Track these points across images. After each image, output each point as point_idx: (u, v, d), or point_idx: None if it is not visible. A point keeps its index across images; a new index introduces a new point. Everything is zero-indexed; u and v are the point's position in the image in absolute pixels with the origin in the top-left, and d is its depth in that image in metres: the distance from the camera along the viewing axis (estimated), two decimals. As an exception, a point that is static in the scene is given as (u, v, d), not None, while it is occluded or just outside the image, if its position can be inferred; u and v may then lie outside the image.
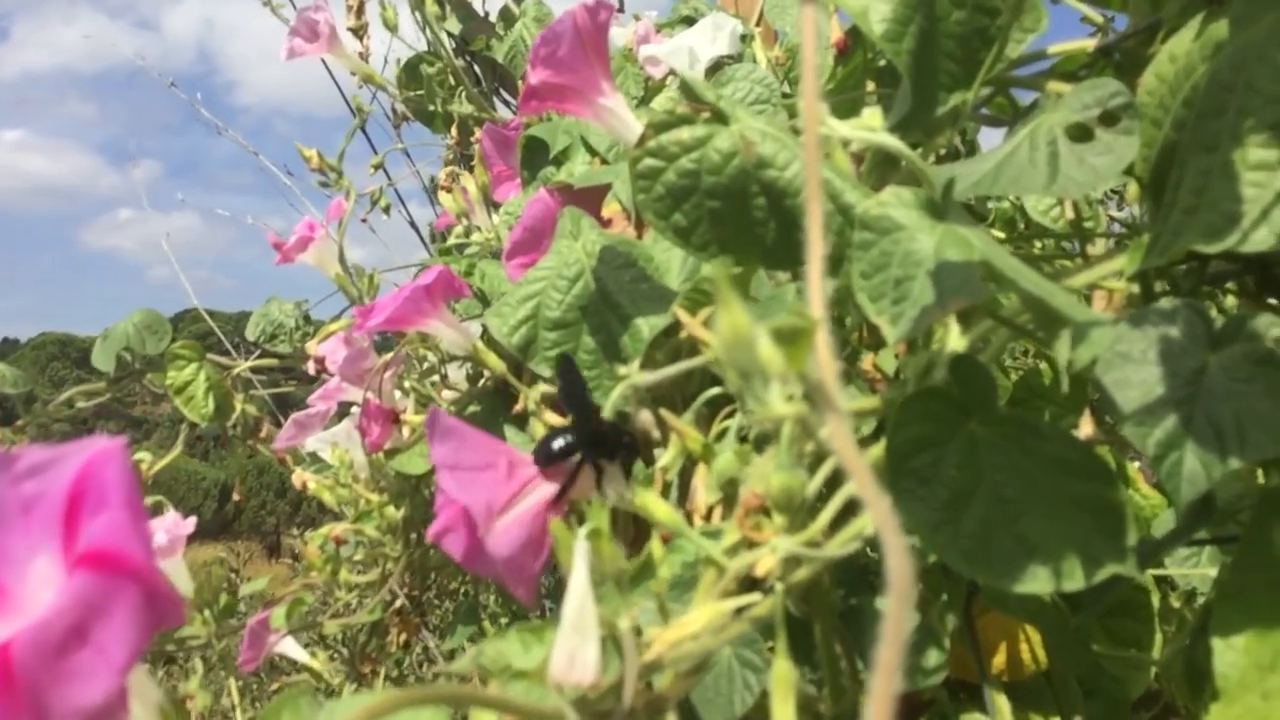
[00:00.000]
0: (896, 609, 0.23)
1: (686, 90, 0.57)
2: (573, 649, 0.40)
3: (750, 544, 0.52)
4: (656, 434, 0.57)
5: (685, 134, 0.56)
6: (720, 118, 0.56)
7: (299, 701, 0.39)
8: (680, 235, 0.57)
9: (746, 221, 0.56)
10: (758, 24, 1.34)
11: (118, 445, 0.37)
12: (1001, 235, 1.15)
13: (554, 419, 0.78)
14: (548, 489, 0.50)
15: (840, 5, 0.59)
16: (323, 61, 1.57)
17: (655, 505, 0.51)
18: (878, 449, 0.49)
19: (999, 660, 0.94)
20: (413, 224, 2.04)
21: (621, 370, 0.55)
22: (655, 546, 0.50)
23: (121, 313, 1.57)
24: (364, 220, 1.95)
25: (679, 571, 0.61)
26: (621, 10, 1.90)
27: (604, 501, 0.49)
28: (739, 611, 0.50)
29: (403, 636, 1.26)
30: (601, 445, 0.52)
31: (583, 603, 0.41)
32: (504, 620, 1.53)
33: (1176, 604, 1.17)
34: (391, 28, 1.38)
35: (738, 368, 0.29)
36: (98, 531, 0.34)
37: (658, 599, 0.49)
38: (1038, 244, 1.16)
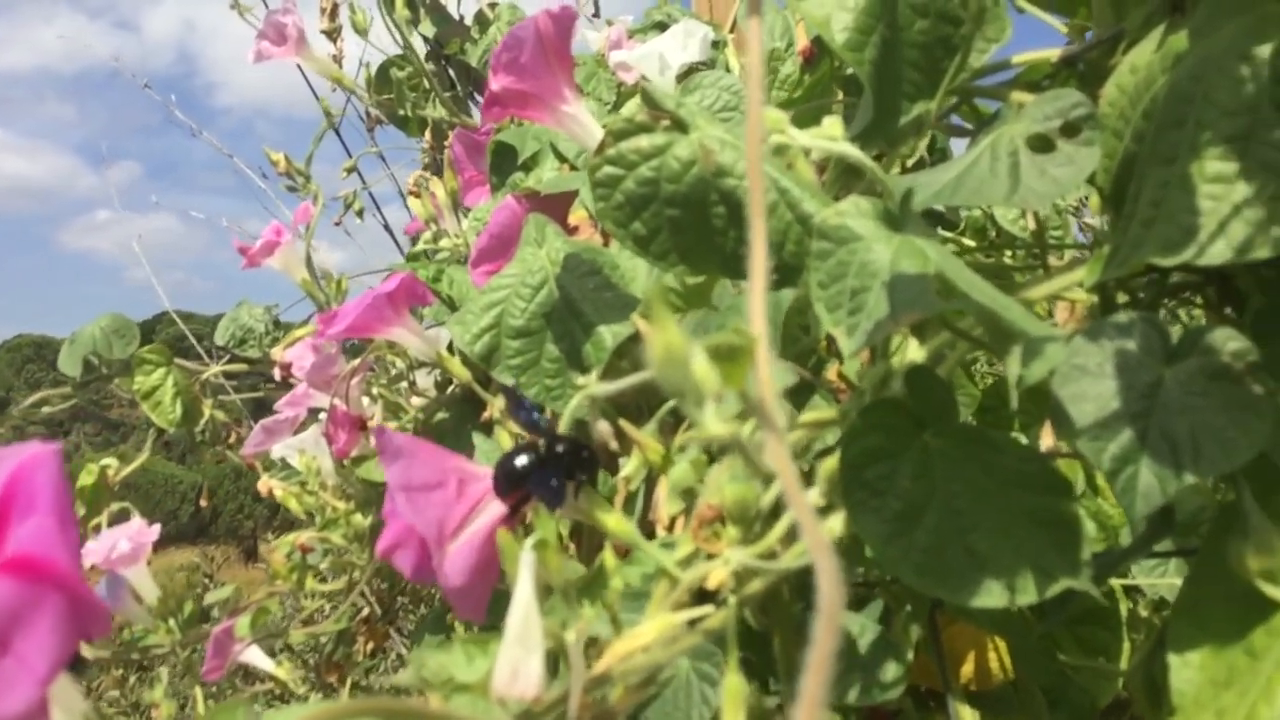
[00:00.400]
0: (824, 637, 0.22)
1: (646, 98, 0.56)
2: (516, 662, 0.40)
3: (709, 555, 0.51)
4: (615, 445, 0.56)
5: (644, 142, 0.55)
6: (680, 126, 0.56)
7: (235, 713, 0.38)
8: (639, 244, 0.57)
9: (706, 230, 0.56)
10: (731, 31, 1.34)
11: (50, 451, 0.36)
12: (972, 243, 1.15)
13: (519, 428, 0.77)
14: (499, 507, 0.49)
15: (803, 15, 0.59)
16: (298, 65, 1.56)
17: (608, 517, 0.50)
18: (832, 460, 0.49)
19: (967, 669, 0.93)
20: (387, 228, 2.02)
21: (579, 380, 0.54)
22: (608, 557, 0.50)
23: (96, 315, 1.55)
24: (337, 223, 1.94)
25: (638, 583, 0.61)
26: (598, 15, 1.90)
27: (553, 513, 0.48)
28: (693, 624, 0.50)
29: (370, 645, 1.25)
30: (560, 463, 0.51)
31: (527, 614, 0.41)
32: (477, 629, 1.52)
33: (1145, 613, 1.17)
34: (361, 31, 1.37)
35: (672, 387, 0.28)
36: (23, 537, 0.33)
37: (609, 610, 0.49)
38: (1008, 253, 1.16)
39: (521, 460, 0.52)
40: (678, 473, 0.52)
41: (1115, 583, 1.03)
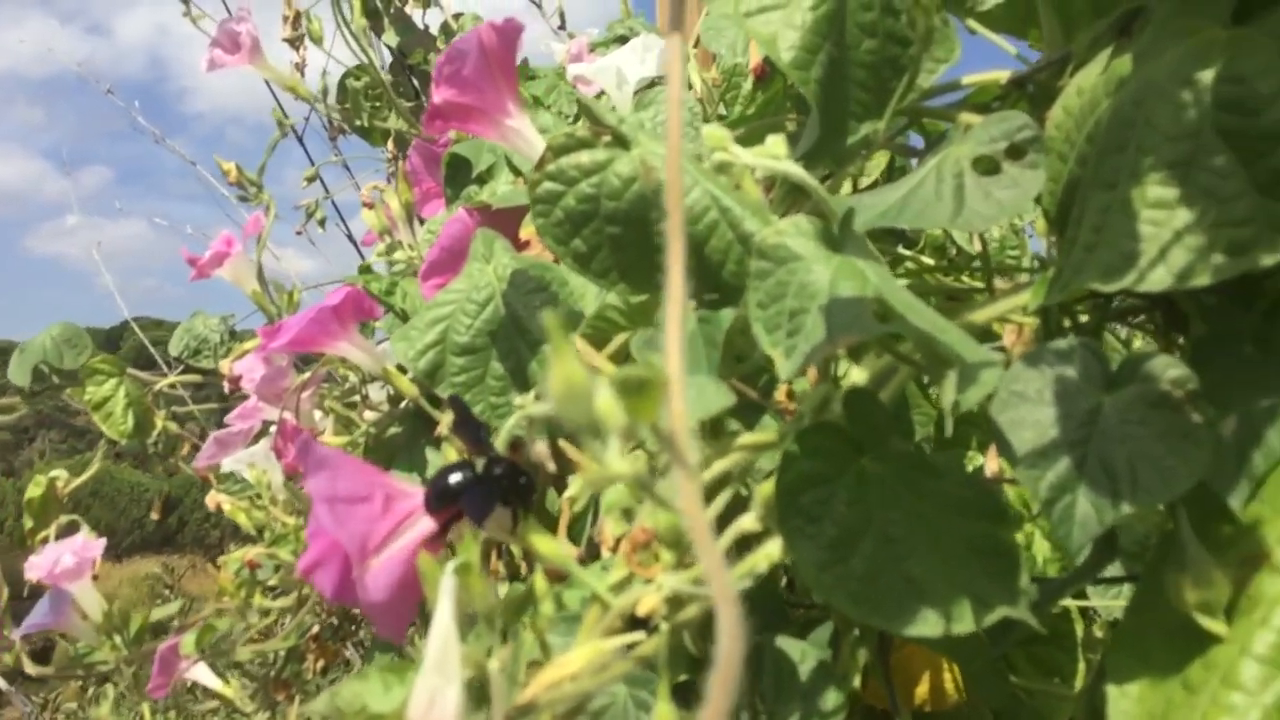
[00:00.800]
0: (718, 696, 0.21)
1: (588, 113, 0.55)
2: (433, 690, 0.39)
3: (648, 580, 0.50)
4: (552, 467, 0.55)
5: (585, 158, 0.54)
6: (621, 142, 0.55)
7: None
8: (580, 261, 0.56)
9: (647, 248, 0.55)
10: (695, 46, 1.34)
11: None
12: (931, 261, 1.15)
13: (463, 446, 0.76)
14: (426, 524, 0.48)
15: (749, 33, 0.58)
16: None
17: (540, 541, 0.49)
18: (769, 485, 0.48)
19: (922, 689, 0.93)
20: (350, 238, 2.01)
21: (518, 400, 0.53)
22: (538, 581, 0.49)
23: (67, 319, 1.53)
24: (299, 233, 1.93)
25: (577, 606, 0.60)
26: (564, 27, 1.89)
27: (481, 534, 0.47)
28: (629, 649, 0.48)
29: (320, 662, 1.23)
30: (496, 485, 0.50)
31: (446, 641, 0.39)
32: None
33: (1100, 633, 1.17)
34: (316, 40, 1.36)
35: (572, 424, 0.27)
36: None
37: (538, 636, 0.48)
38: (966, 273, 1.16)
39: (455, 478, 0.51)
40: (612, 495, 0.51)
41: (1070, 603, 1.03)
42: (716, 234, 0.54)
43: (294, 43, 1.59)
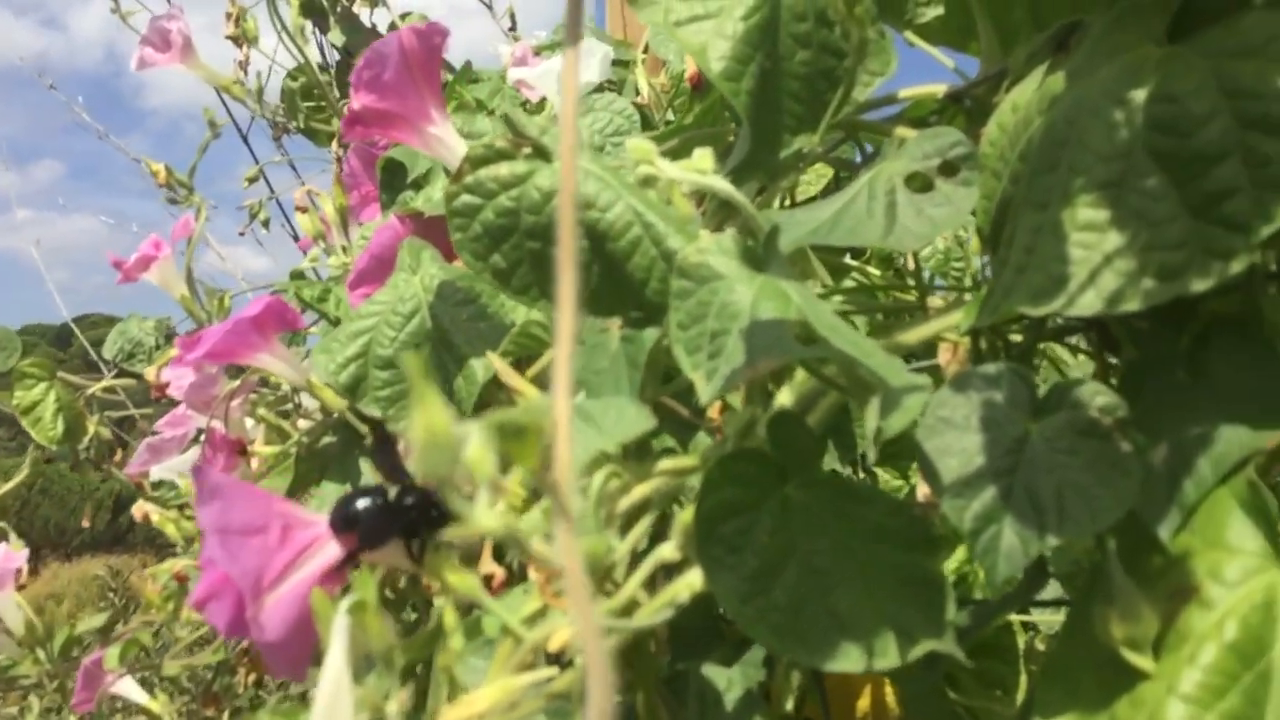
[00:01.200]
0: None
1: (508, 123, 0.53)
2: (323, 739, 0.36)
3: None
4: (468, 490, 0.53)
5: (504, 170, 0.52)
6: (542, 154, 0.53)
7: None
8: (499, 278, 0.54)
9: (569, 264, 0.53)
10: (645, 52, 1.32)
11: None
12: (877, 271, 1.14)
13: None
14: (327, 556, 0.46)
15: (679, 42, 0.56)
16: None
17: (451, 573, 0.47)
18: (688, 513, 0.46)
19: (863, 704, 0.92)
20: (296, 239, 1.97)
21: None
22: (448, 614, 0.47)
23: (16, 316, 1.49)
24: (242, 234, 1.89)
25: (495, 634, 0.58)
26: (514, 29, 1.87)
27: (376, 570, 0.45)
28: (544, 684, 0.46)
29: (252, 676, 1.19)
30: (405, 515, 0.48)
31: (337, 684, 0.37)
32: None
33: (1042, 646, 1.17)
34: (251, 39, 1.33)
35: (434, 476, 0.25)
36: None
37: (446, 673, 0.46)
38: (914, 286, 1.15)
39: (362, 504, 0.49)
40: (528, 521, 0.49)
41: (1012, 617, 1.02)
42: (640, 250, 0.52)
43: (238, 40, 1.56)
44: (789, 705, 0.75)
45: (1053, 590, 0.74)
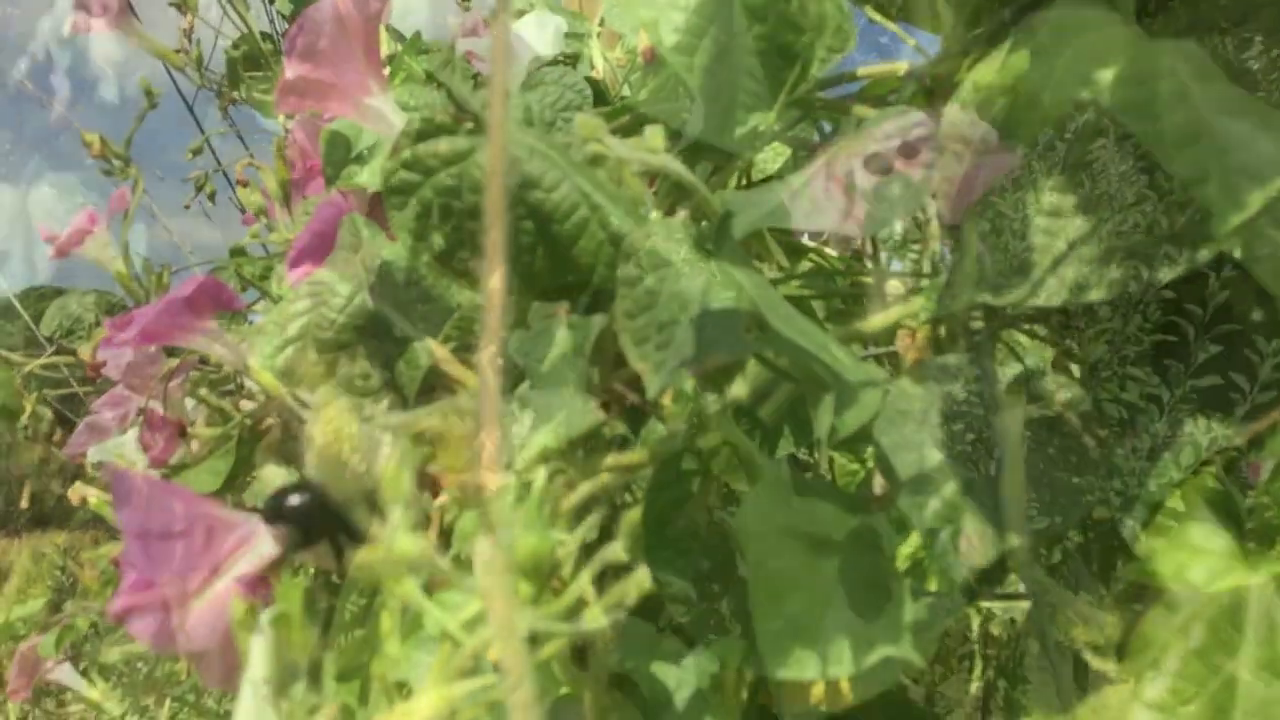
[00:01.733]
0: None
1: (449, 95, 0.50)
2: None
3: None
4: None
5: (444, 146, 0.50)
6: (485, 129, 0.50)
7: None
8: (439, 260, 0.51)
9: (512, 247, 0.50)
10: (601, 24, 1.29)
11: None
12: (835, 253, 1.12)
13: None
14: (255, 558, 0.43)
15: (632, 14, 0.54)
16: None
17: (384, 572, 0.44)
18: (636, 512, 0.44)
19: (818, 690, 0.90)
20: (242, 211, 1.92)
21: (366, 410, 0.48)
22: (385, 620, 0.44)
23: None
24: (187, 206, 1.84)
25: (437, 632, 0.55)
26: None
27: (300, 580, 0.42)
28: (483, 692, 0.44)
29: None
30: (338, 514, 0.45)
31: (256, 702, 0.35)
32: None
33: (996, 631, 1.17)
34: (192, 9, 1.28)
35: (341, 493, 0.23)
36: None
37: (381, 682, 0.43)
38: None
39: (295, 500, 0.46)
40: (464, 522, 0.47)
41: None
42: (586, 233, 0.49)
43: (180, 7, 1.50)
44: (743, 695, 0.74)
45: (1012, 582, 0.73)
